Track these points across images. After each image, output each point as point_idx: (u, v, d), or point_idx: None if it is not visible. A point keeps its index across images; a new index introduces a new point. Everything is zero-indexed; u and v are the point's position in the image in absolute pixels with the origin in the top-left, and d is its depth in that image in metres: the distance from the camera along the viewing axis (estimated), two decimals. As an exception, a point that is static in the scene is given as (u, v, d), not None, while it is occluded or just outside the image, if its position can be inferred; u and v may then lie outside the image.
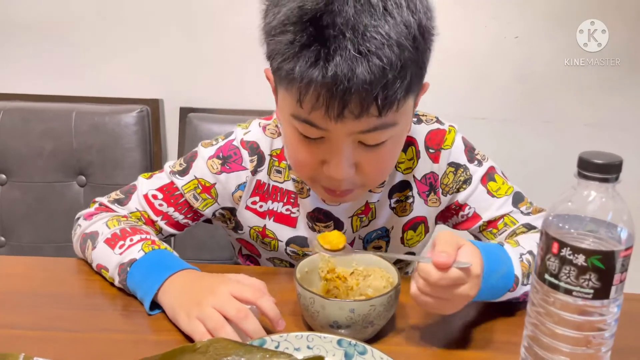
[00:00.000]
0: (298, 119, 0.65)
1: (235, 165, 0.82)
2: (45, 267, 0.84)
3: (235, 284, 0.66)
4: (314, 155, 0.68)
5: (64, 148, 1.25)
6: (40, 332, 0.67)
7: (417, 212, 0.85)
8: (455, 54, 1.33)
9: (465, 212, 0.85)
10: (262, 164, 0.82)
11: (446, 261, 0.59)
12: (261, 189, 0.83)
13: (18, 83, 1.37)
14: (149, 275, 0.71)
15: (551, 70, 1.33)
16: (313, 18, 0.59)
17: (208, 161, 0.82)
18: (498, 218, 0.83)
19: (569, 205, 0.50)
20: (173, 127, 1.38)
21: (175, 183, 0.83)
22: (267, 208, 0.84)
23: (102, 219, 0.82)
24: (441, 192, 0.84)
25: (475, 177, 0.83)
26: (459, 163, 0.83)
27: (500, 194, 0.83)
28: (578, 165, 0.49)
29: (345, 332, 0.63)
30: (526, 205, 0.84)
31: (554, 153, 1.39)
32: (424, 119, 0.84)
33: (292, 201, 0.83)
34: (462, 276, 0.60)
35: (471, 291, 0.61)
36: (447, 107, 1.05)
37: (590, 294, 0.48)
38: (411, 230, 0.86)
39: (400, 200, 0.84)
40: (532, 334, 0.54)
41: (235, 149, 0.82)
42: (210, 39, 1.34)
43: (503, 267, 0.68)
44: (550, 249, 0.49)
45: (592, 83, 1.33)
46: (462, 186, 0.83)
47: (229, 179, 0.82)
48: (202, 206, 0.83)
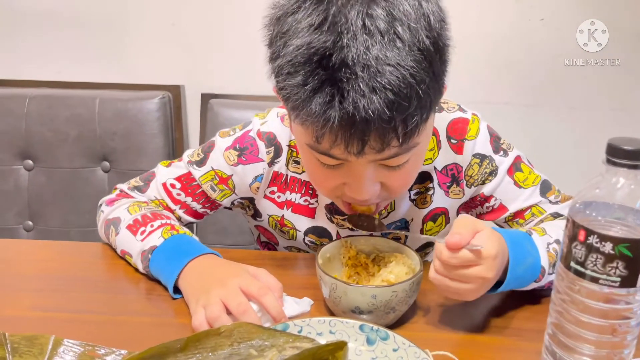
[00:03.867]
0: (316, 150, 0.63)
1: (252, 157, 0.81)
2: (72, 252, 0.86)
3: (246, 278, 0.66)
4: (335, 179, 0.66)
5: (88, 134, 1.27)
6: (70, 314, 0.69)
7: (437, 204, 0.83)
8: (480, 38, 1.31)
9: (491, 204, 0.83)
10: (279, 155, 0.81)
11: (457, 242, 0.59)
12: (279, 180, 0.82)
13: (43, 70, 1.39)
14: (169, 262, 0.72)
15: (575, 53, 1.30)
16: (322, 58, 0.56)
17: (225, 152, 0.81)
18: (525, 209, 0.81)
19: (596, 192, 0.49)
20: (195, 113, 1.39)
21: (193, 173, 0.82)
22: (285, 199, 0.83)
23: (123, 205, 0.83)
24: (465, 184, 0.82)
25: (502, 168, 0.81)
26: (484, 154, 0.80)
27: (527, 185, 0.81)
28: (607, 151, 0.48)
29: (367, 318, 0.64)
30: (554, 194, 0.82)
31: (580, 138, 1.36)
32: (445, 107, 0.81)
33: (310, 192, 0.83)
34: (472, 257, 0.60)
35: (487, 273, 0.61)
36: (470, 92, 1.03)
37: (617, 282, 0.48)
38: (431, 221, 0.85)
39: (420, 192, 0.83)
40: (557, 322, 0.53)
41: (251, 140, 0.81)
42: (232, 25, 1.34)
43: (530, 258, 0.67)
44: (577, 236, 0.49)
45: (618, 67, 1.30)
46: (487, 178, 0.81)
47: (245, 171, 0.81)
48: (219, 197, 0.83)
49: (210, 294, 0.64)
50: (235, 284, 0.65)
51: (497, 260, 0.62)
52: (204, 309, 0.64)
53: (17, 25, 1.37)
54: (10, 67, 1.39)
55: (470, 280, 0.62)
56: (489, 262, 0.61)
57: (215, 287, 0.65)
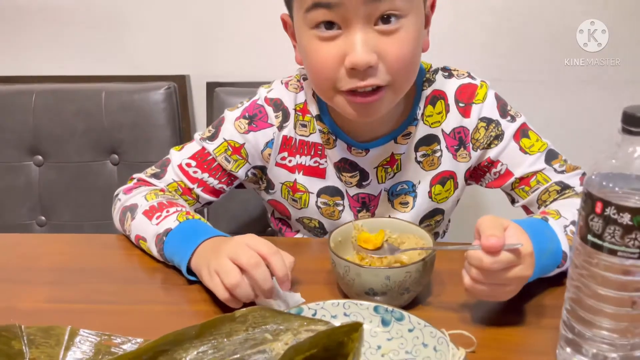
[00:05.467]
0: (310, 8, 0.68)
1: (262, 123, 0.84)
2: (86, 244, 0.86)
3: (253, 237, 0.66)
4: (333, 51, 0.69)
5: (95, 127, 1.27)
6: (85, 305, 0.69)
7: (445, 167, 0.84)
8: (490, 14, 1.28)
9: (498, 169, 0.83)
10: (287, 119, 0.84)
11: (496, 243, 0.56)
12: (288, 143, 0.85)
13: (47, 65, 1.39)
14: (183, 242, 0.72)
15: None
16: None
17: (235, 122, 0.84)
18: (530, 175, 0.81)
19: (612, 163, 0.48)
20: (200, 102, 1.39)
21: (207, 148, 0.85)
22: (296, 162, 0.85)
23: (140, 193, 0.84)
24: (471, 147, 0.83)
25: (508, 132, 0.81)
26: (491, 118, 0.82)
27: (533, 151, 0.81)
28: (622, 120, 0.47)
29: (381, 299, 0.63)
30: (560, 163, 0.82)
31: (593, 113, 1.34)
32: (455, 74, 0.84)
33: (319, 153, 0.85)
34: (514, 258, 0.58)
35: (527, 271, 0.59)
36: (483, 69, 1.01)
37: (637, 254, 0.47)
38: (439, 184, 0.85)
39: (426, 155, 0.84)
40: (575, 296, 0.53)
41: (260, 107, 0.84)
42: (234, 12, 1.33)
43: (551, 245, 0.66)
44: (594, 208, 0.48)
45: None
46: (493, 142, 0.82)
47: (257, 138, 0.84)
48: (234, 167, 0.85)
49: (220, 255, 0.64)
50: (242, 240, 0.65)
51: (534, 255, 0.60)
52: (217, 275, 0.64)
53: (19, 21, 1.36)
54: (15, 63, 1.39)
55: (510, 283, 0.60)
56: (527, 259, 0.59)
57: (223, 248, 0.65)
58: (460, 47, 1.30)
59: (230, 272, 0.62)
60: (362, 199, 0.87)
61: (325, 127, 0.83)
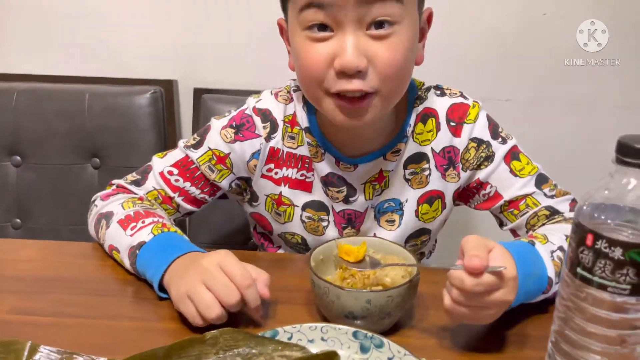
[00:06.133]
0: (304, 7, 0.67)
1: (249, 133, 0.82)
2: (58, 251, 0.83)
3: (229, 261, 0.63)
4: (323, 52, 0.68)
5: (77, 130, 1.23)
6: (50, 318, 0.66)
7: (433, 186, 0.83)
8: (481, 33, 1.28)
9: (487, 191, 0.82)
10: (275, 130, 0.82)
11: (479, 265, 0.54)
12: (275, 155, 0.83)
13: (31, 64, 1.36)
14: (156, 258, 0.69)
15: (579, 50, 1.27)
16: None
17: (221, 131, 0.82)
18: (520, 198, 0.80)
19: (605, 194, 0.46)
20: (187, 108, 1.36)
21: (190, 156, 0.83)
22: (282, 175, 0.83)
23: (118, 200, 0.81)
24: (461, 167, 0.82)
25: (498, 154, 0.81)
26: (481, 139, 0.81)
27: (523, 174, 0.80)
28: (617, 150, 0.45)
29: (361, 324, 0.61)
30: (550, 187, 0.81)
31: (583, 137, 1.33)
32: (447, 92, 0.83)
33: (306, 166, 0.83)
34: (496, 281, 0.56)
35: (509, 296, 0.58)
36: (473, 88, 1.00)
37: (627, 290, 0.44)
38: (427, 204, 0.84)
39: (415, 172, 0.83)
40: (561, 329, 0.50)
41: (248, 117, 0.82)
42: (225, 19, 1.30)
43: (536, 269, 0.64)
44: (584, 240, 0.46)
45: (624, 64, 1.27)
46: (483, 163, 0.81)
47: (243, 148, 0.82)
48: (218, 177, 0.83)
49: (193, 278, 0.62)
50: (216, 264, 0.62)
51: (517, 280, 0.58)
52: (192, 302, 0.61)
53: (3, 17, 1.33)
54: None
55: (492, 306, 0.58)
56: (510, 284, 0.57)
57: (195, 270, 0.63)
58: (450, 65, 1.28)
59: (211, 307, 0.60)
60: (348, 215, 0.85)
61: (314, 140, 0.81)
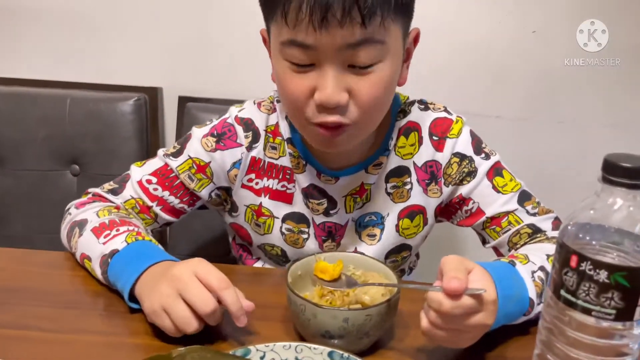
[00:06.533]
0: (286, 43, 0.65)
1: (230, 142, 0.80)
2: (28, 260, 0.80)
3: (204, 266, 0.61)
4: (305, 83, 0.67)
5: (57, 135, 1.20)
6: (16, 330, 0.63)
7: (414, 200, 0.82)
8: (470, 50, 1.28)
9: (469, 207, 0.81)
10: (257, 140, 0.81)
11: (458, 287, 0.53)
12: (256, 165, 0.81)
13: (11, 67, 1.33)
14: (128, 266, 0.66)
15: (568, 67, 1.28)
16: None
17: (202, 139, 0.80)
18: (502, 215, 0.79)
19: (590, 214, 0.45)
20: (171, 116, 1.34)
21: (170, 165, 0.81)
22: (263, 185, 0.82)
23: (93, 208, 0.79)
24: (443, 182, 0.81)
25: (481, 170, 0.80)
26: (464, 154, 0.80)
27: (506, 190, 0.79)
28: (603, 168, 0.43)
29: (338, 343, 0.58)
30: (532, 205, 0.80)
31: (570, 155, 1.33)
32: (431, 107, 0.82)
33: (287, 177, 0.81)
34: (475, 304, 0.54)
35: (488, 320, 0.56)
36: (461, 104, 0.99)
37: (612, 315, 0.43)
38: (407, 219, 0.83)
39: (397, 186, 0.81)
40: (542, 353, 0.49)
41: (229, 126, 0.81)
42: (211, 27, 1.29)
43: (517, 291, 0.62)
44: (568, 262, 0.44)
45: (611, 81, 1.27)
46: (465, 178, 0.80)
47: (224, 157, 0.80)
48: (197, 187, 0.81)
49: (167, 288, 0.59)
50: (191, 271, 0.60)
51: (497, 303, 0.56)
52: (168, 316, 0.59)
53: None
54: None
55: (470, 330, 0.56)
56: (490, 307, 0.56)
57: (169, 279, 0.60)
58: (439, 81, 1.28)
59: (189, 322, 0.59)
60: (329, 228, 0.83)
61: (295, 151, 0.80)
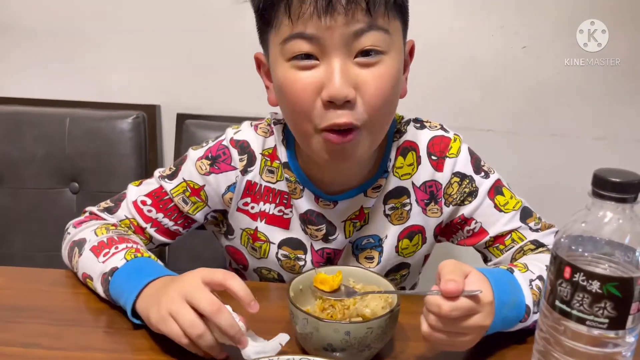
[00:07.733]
0: (288, 39, 0.65)
1: (224, 165, 0.79)
2: (29, 279, 0.80)
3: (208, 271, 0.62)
4: (311, 82, 0.65)
5: (57, 154, 1.22)
6: (18, 348, 0.63)
7: (414, 221, 0.81)
8: (462, 64, 1.30)
9: (472, 227, 0.81)
10: (252, 163, 0.80)
11: (455, 288, 0.54)
12: (252, 189, 0.80)
13: (11, 86, 1.34)
14: (129, 282, 0.67)
15: (559, 81, 1.30)
16: None
17: (197, 162, 0.80)
18: (505, 234, 0.79)
19: (582, 227, 0.46)
20: (170, 133, 1.35)
21: (164, 187, 0.80)
22: (259, 209, 0.81)
23: (90, 227, 0.79)
24: (444, 202, 0.80)
25: (482, 189, 0.79)
26: (464, 173, 0.79)
27: (508, 209, 0.79)
28: (593, 183, 0.45)
29: (340, 356, 0.60)
30: (535, 221, 0.80)
31: (562, 168, 1.35)
32: (427, 125, 0.82)
33: (284, 202, 0.80)
34: (472, 305, 0.56)
35: (485, 321, 0.57)
36: (453, 118, 1.01)
37: (605, 324, 0.44)
38: (407, 239, 0.82)
39: (395, 208, 0.80)
40: (540, 363, 0.50)
41: (224, 149, 0.80)
42: (209, 46, 1.31)
43: (514, 297, 0.63)
44: (562, 273, 0.46)
45: (602, 94, 1.30)
46: (467, 198, 0.80)
47: (218, 180, 0.79)
48: (192, 210, 0.81)
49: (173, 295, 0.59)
50: (197, 277, 0.60)
51: (494, 305, 0.58)
52: (175, 321, 0.59)
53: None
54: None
55: (469, 332, 0.57)
56: (487, 308, 0.57)
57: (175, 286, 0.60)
58: (431, 95, 1.30)
59: (194, 324, 0.58)
60: (328, 254, 0.82)
61: (292, 176, 0.79)
